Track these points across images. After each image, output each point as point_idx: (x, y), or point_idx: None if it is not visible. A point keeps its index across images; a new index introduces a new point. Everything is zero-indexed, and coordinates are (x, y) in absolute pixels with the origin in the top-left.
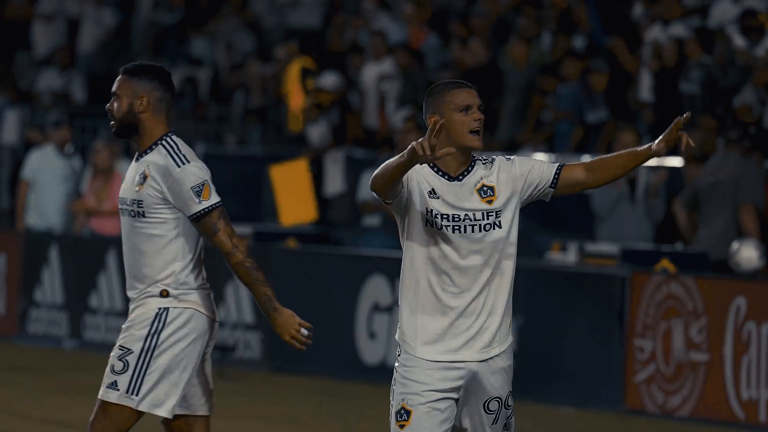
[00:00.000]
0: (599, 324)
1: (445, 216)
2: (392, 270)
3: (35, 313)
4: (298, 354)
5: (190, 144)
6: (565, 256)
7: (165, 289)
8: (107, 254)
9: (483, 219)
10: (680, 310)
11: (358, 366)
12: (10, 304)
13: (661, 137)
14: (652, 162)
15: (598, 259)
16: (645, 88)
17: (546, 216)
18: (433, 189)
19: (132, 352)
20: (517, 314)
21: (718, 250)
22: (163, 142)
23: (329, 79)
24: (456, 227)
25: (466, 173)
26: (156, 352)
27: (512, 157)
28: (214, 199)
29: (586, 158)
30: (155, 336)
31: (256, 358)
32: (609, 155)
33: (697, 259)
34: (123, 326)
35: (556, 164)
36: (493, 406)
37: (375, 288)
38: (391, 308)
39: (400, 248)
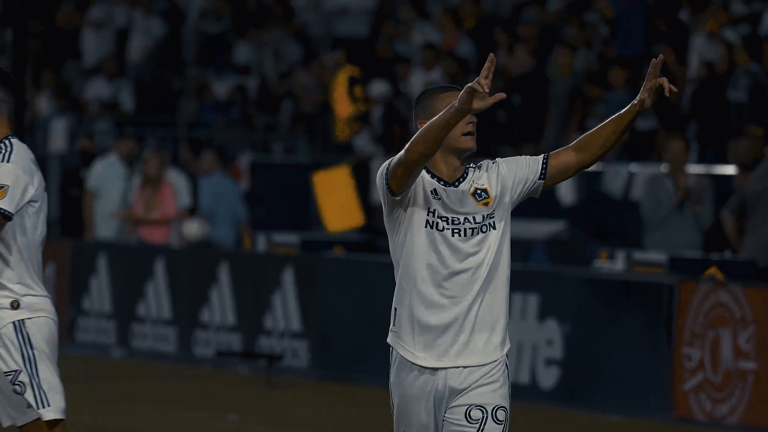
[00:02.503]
0: (647, 332)
1: (445, 218)
2: None
3: (84, 321)
4: (346, 362)
5: (237, 152)
6: (613, 264)
7: (15, 300)
8: (155, 263)
9: (482, 221)
10: (728, 318)
11: None
12: (58, 312)
13: (642, 88)
14: (696, 169)
15: (646, 268)
16: (692, 96)
17: (594, 225)
18: (435, 189)
19: (20, 371)
20: (565, 322)
21: (766, 257)
22: (1, 144)
23: (377, 88)
24: (456, 230)
25: (461, 179)
26: (36, 362)
27: (497, 159)
28: (4, 205)
29: (634, 166)
30: (26, 348)
31: (303, 367)
32: (595, 128)
33: (746, 267)
34: None
35: (541, 156)
36: (476, 414)
37: None
38: None
39: None
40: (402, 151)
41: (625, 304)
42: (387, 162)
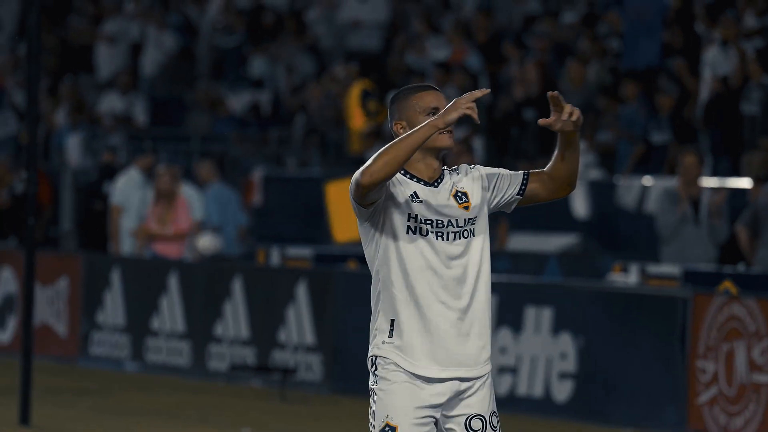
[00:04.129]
0: (661, 346)
1: (429, 221)
2: None
3: (97, 335)
4: (360, 376)
5: (250, 166)
6: (627, 277)
7: None
8: (169, 277)
9: (464, 225)
10: (743, 331)
11: None
12: (72, 326)
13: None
14: (714, 182)
15: (660, 281)
16: (705, 109)
17: (607, 238)
18: (415, 192)
19: None
20: (579, 335)
21: None
22: None
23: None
24: (439, 234)
25: (440, 179)
26: None
27: (476, 165)
28: None
29: (648, 179)
30: None
31: (317, 380)
32: (552, 162)
33: (760, 281)
34: None
35: (521, 172)
36: (476, 424)
37: None
38: None
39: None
40: (362, 172)
41: (639, 318)
42: (359, 171)
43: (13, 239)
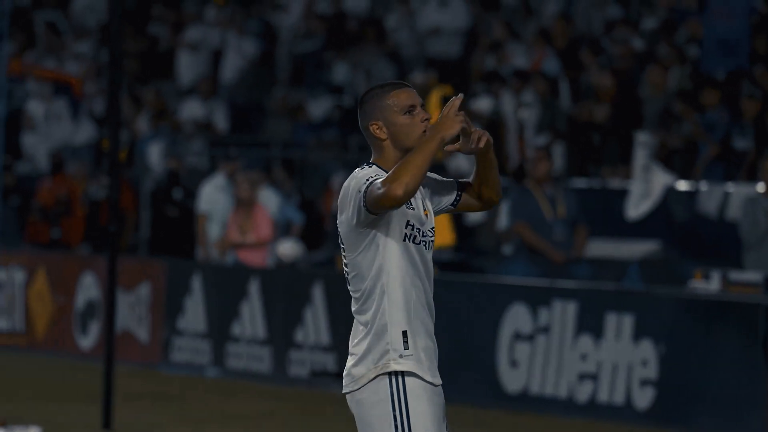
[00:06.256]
0: (743, 353)
1: (419, 230)
2: (533, 298)
3: (178, 341)
4: None
5: (331, 173)
6: (708, 284)
7: None
8: (250, 283)
9: (431, 234)
10: None
11: (499, 394)
12: (154, 332)
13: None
14: None
15: (742, 287)
16: None
17: (688, 245)
18: (410, 200)
19: None
20: (660, 343)
21: None
22: None
23: (484, 103)
24: (424, 242)
25: None
26: None
27: None
28: None
29: (730, 186)
30: None
31: None
32: (474, 176)
33: None
34: None
35: (454, 181)
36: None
37: (516, 316)
38: (533, 336)
39: (543, 276)
40: (398, 181)
41: (721, 325)
42: (365, 179)
43: (90, 245)
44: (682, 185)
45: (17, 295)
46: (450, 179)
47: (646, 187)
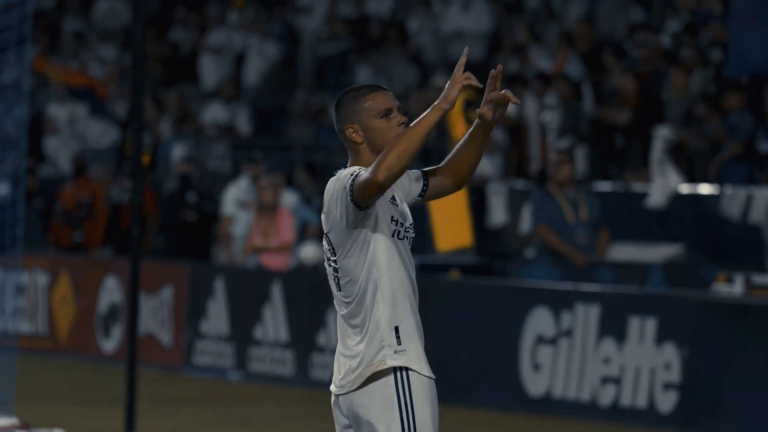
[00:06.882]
0: (766, 356)
1: (401, 224)
2: (556, 301)
3: (201, 344)
4: (462, 386)
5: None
6: (732, 287)
7: None
8: (272, 286)
9: (412, 231)
10: None
11: (522, 398)
12: (176, 335)
13: (483, 101)
14: None
15: (766, 291)
16: None
17: (711, 248)
18: (394, 196)
19: None
20: (683, 346)
21: None
22: None
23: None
24: (407, 237)
25: None
26: None
27: None
28: None
29: (753, 189)
30: None
31: None
32: (455, 150)
33: None
34: None
35: (421, 172)
36: None
37: (538, 319)
38: (555, 340)
39: (565, 279)
40: (375, 169)
41: (744, 328)
42: (350, 174)
43: (112, 248)
44: (705, 189)
45: (40, 299)
46: (413, 170)
47: (662, 181)
